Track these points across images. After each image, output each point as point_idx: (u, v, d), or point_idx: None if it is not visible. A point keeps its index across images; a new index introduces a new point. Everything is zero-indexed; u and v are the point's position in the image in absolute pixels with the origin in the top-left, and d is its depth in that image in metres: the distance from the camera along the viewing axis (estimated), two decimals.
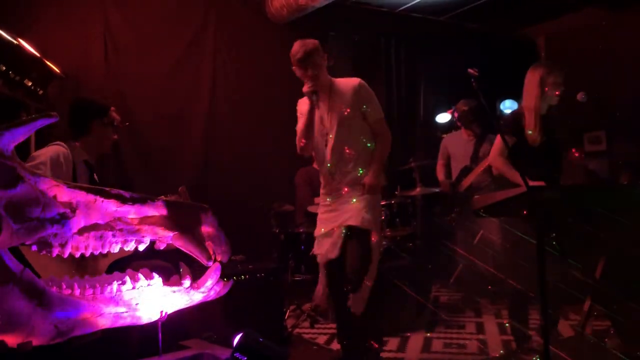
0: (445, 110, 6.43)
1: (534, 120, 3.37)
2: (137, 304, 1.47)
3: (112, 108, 3.18)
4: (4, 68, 3.35)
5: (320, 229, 3.32)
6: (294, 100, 5.44)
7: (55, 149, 2.90)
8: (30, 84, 3.58)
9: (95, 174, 3.17)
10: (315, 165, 5.46)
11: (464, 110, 5.27)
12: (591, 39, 6.79)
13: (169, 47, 5.18)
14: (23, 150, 2.90)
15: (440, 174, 5.57)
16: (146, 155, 4.99)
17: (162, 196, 3.20)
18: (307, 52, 3.14)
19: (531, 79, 3.44)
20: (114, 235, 1.39)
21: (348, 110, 3.19)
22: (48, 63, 3.83)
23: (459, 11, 6.47)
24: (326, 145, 3.25)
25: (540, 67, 3.43)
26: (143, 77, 4.98)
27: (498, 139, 3.48)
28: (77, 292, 1.39)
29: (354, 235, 3.15)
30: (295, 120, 3.46)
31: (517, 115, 3.48)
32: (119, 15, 4.88)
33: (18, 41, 3.51)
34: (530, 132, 3.37)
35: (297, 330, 4.41)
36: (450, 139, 5.64)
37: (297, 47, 3.19)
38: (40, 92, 3.72)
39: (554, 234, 2.20)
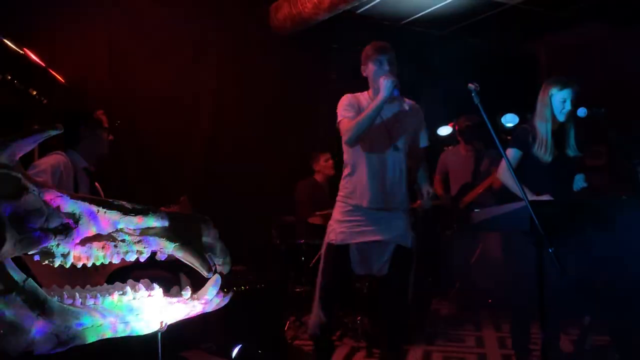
0: (446, 123, 6.46)
1: (544, 138, 3.38)
2: (137, 314, 1.48)
3: (100, 111, 3.20)
4: (9, 77, 3.38)
5: (355, 237, 3.12)
6: (297, 112, 5.49)
7: (55, 158, 2.92)
8: (35, 93, 3.61)
9: (96, 182, 3.19)
10: (316, 177, 5.48)
11: (467, 126, 5.31)
12: (592, 53, 6.82)
13: (174, 58, 5.22)
14: (27, 159, 2.92)
15: (439, 189, 5.60)
16: (149, 165, 5.01)
17: (163, 206, 3.24)
18: None
19: (542, 96, 3.44)
20: (116, 246, 1.40)
21: (416, 128, 3.24)
22: (53, 73, 3.86)
23: (460, 25, 6.51)
24: (390, 152, 3.16)
25: (550, 84, 3.42)
26: (147, 88, 5.01)
27: (508, 153, 3.48)
28: (79, 301, 1.40)
29: (403, 255, 3.12)
30: (297, 125, 3.42)
31: (525, 130, 3.48)
32: (123, 26, 4.93)
33: (23, 51, 3.54)
34: (540, 149, 3.37)
35: (296, 342, 4.40)
36: (448, 154, 5.69)
37: (383, 45, 3.23)
38: (45, 101, 3.74)
39: (552, 250, 2.20)
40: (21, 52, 3.52)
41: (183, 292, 1.56)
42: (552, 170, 3.38)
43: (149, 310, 1.49)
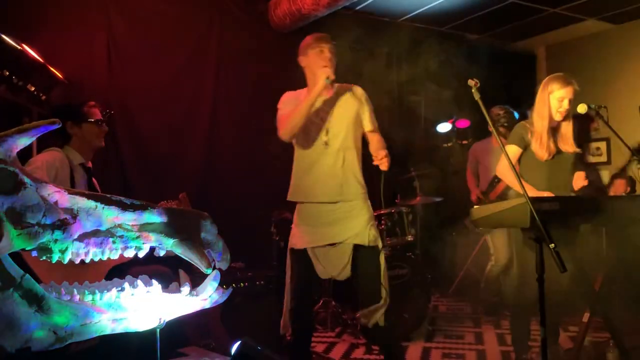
0: (445, 120, 6.46)
1: (541, 135, 3.37)
2: (135, 311, 1.48)
3: (91, 103, 3.14)
4: (7, 73, 3.36)
5: (311, 242, 3.04)
6: None
7: (51, 155, 2.91)
8: (33, 89, 3.59)
9: (93, 178, 3.17)
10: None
11: (498, 115, 5.13)
12: (590, 50, 6.82)
13: (173, 55, 5.21)
14: (24, 156, 2.90)
15: (471, 184, 5.43)
16: (147, 161, 5.00)
17: (163, 202, 3.22)
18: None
19: (541, 92, 3.40)
20: (114, 242, 1.39)
21: (354, 114, 3.07)
22: (51, 69, 3.84)
23: (460, 22, 6.50)
24: (325, 146, 3.04)
25: (551, 81, 3.37)
26: (146, 84, 5.00)
27: (507, 149, 3.47)
28: (77, 298, 1.40)
29: (364, 254, 2.98)
30: None
31: (523, 127, 3.46)
32: (122, 23, 4.91)
33: (22, 47, 3.53)
34: (537, 146, 3.35)
35: None
36: (479, 146, 5.49)
37: (324, 35, 3.15)
38: (43, 97, 3.72)
39: (553, 246, 2.19)
40: (19, 48, 3.50)
41: (182, 288, 1.55)
42: (549, 166, 3.36)
43: (148, 307, 1.48)
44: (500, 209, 2.68)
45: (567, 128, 3.41)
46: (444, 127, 6.46)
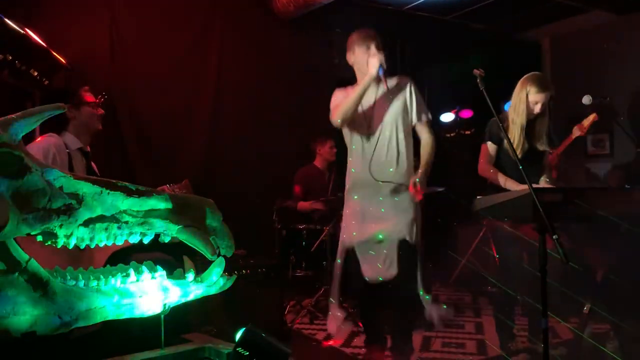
0: (449, 110, 6.44)
1: (515, 132, 3.34)
2: (140, 296, 1.48)
3: (85, 87, 3.12)
4: (10, 58, 3.35)
5: (358, 236, 3.00)
6: (299, 95, 5.42)
7: (46, 140, 2.90)
8: (36, 74, 3.58)
9: (92, 162, 3.17)
10: (316, 163, 5.47)
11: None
12: (596, 41, 6.78)
13: (175, 42, 5.19)
14: (28, 141, 2.89)
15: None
16: (150, 148, 5.00)
17: (166, 186, 3.21)
18: None
19: (518, 90, 3.40)
20: (119, 227, 1.39)
21: (400, 105, 3.08)
22: (54, 54, 3.83)
23: (465, 11, 6.46)
24: (376, 138, 3.05)
25: (529, 81, 3.37)
26: (149, 70, 4.99)
27: (483, 148, 3.46)
28: (82, 283, 1.40)
29: (404, 250, 2.92)
30: (298, 109, 3.25)
31: (496, 123, 3.42)
32: (125, 8, 4.89)
33: (25, 31, 3.51)
34: (512, 142, 3.32)
35: (296, 325, 4.42)
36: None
37: (370, 32, 3.16)
38: (46, 82, 3.71)
39: (556, 237, 2.19)
40: (23, 32, 3.49)
41: (186, 275, 1.55)
42: (524, 160, 3.33)
43: (152, 293, 1.49)
44: (502, 200, 2.67)
45: (540, 125, 3.40)
46: (447, 117, 6.45)
